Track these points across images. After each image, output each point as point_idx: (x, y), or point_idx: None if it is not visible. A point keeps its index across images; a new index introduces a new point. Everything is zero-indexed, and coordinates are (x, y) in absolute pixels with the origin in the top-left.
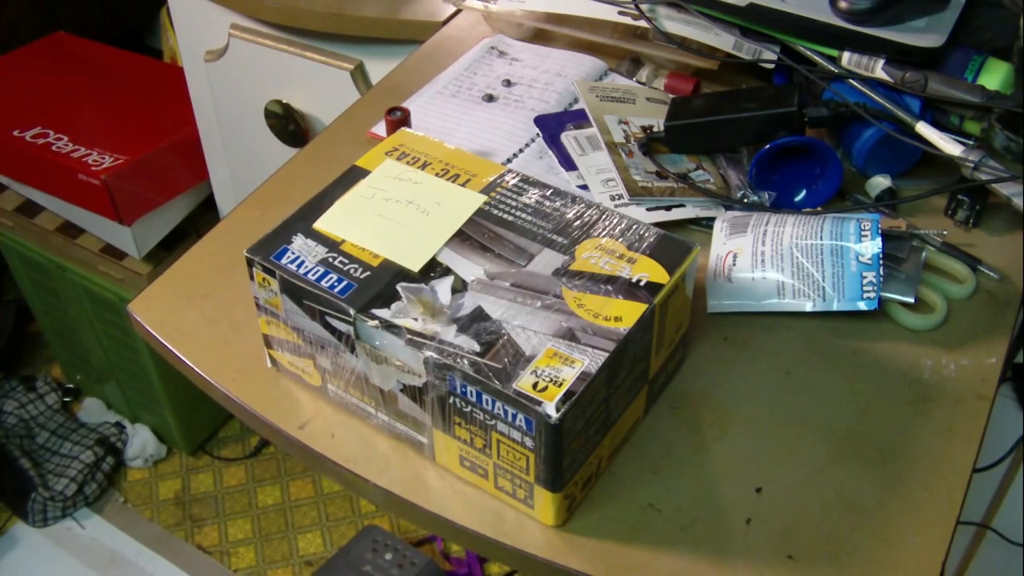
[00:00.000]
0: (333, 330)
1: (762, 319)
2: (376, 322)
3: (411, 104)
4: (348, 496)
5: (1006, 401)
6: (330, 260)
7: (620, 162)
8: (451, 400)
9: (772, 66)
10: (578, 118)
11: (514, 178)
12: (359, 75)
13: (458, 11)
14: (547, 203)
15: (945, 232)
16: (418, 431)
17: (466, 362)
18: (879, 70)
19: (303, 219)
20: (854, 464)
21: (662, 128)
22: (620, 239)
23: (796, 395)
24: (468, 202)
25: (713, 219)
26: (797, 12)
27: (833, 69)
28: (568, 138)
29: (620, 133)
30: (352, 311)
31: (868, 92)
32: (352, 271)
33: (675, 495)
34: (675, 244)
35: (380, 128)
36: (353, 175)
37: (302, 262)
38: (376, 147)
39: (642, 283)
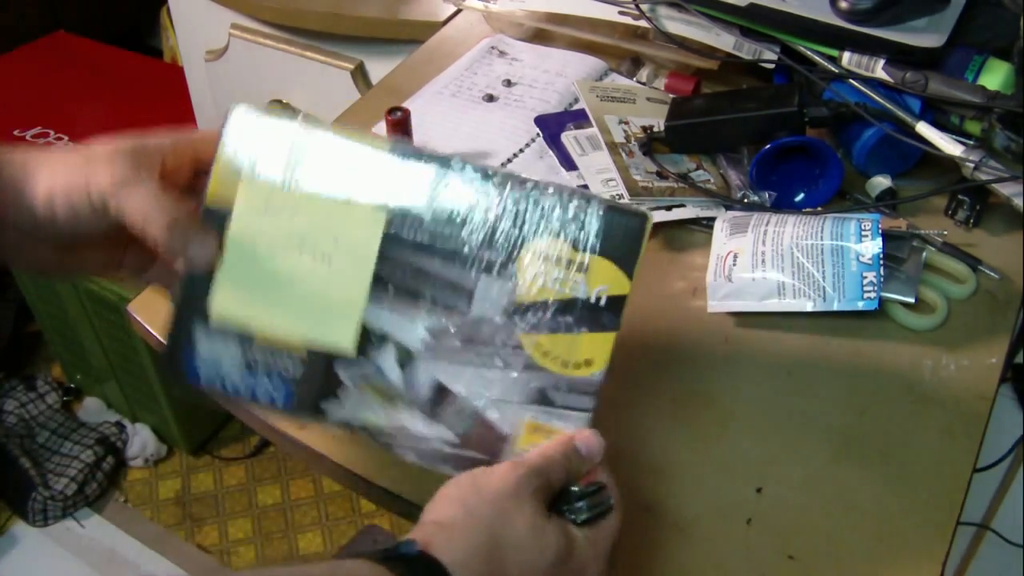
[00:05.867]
0: None
1: (762, 319)
2: (338, 431)
3: (411, 104)
4: (348, 496)
5: (1006, 401)
6: (252, 364)
7: (620, 162)
8: None
9: (772, 66)
10: (578, 118)
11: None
12: (359, 75)
13: (458, 11)
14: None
15: (945, 232)
16: None
17: (448, 459)
18: (879, 70)
19: (194, 307)
20: (854, 464)
21: (662, 128)
22: (561, 235)
23: (796, 395)
24: (367, 228)
25: (713, 219)
26: (797, 12)
27: (833, 69)
28: (568, 138)
29: (620, 133)
30: (303, 421)
31: (868, 92)
32: (283, 371)
33: (675, 495)
34: (623, 222)
35: (380, 128)
36: (213, 220)
37: (224, 378)
38: (214, 170)
39: (602, 302)
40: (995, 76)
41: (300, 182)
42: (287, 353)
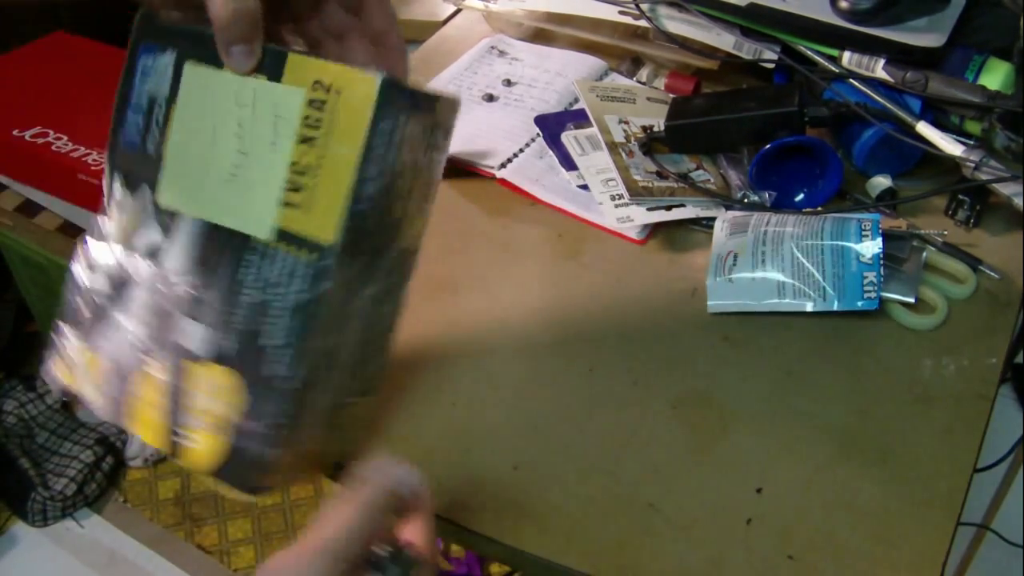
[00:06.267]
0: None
1: (762, 319)
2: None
3: None
4: None
5: (1006, 401)
6: (156, 107)
7: (620, 162)
8: None
9: (772, 66)
10: (578, 118)
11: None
12: None
13: (458, 11)
14: None
15: (945, 232)
16: None
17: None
18: (880, 70)
19: (194, 40)
20: (854, 464)
21: (662, 128)
22: None
23: (796, 395)
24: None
25: (713, 219)
26: (798, 12)
27: (834, 69)
28: (568, 138)
29: (620, 133)
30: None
31: (869, 92)
32: (149, 139)
33: (675, 495)
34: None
35: None
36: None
37: (147, 75)
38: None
39: None
40: (995, 76)
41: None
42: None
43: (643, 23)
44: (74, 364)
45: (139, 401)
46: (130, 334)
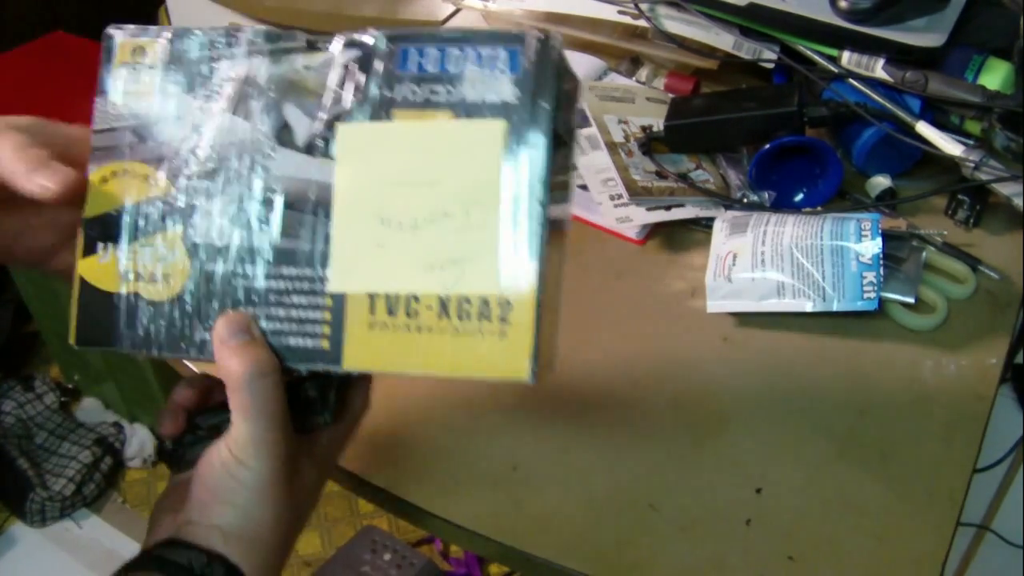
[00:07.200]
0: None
1: (762, 319)
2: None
3: None
4: (347, 496)
5: (1006, 401)
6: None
7: (620, 162)
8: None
9: (772, 66)
10: (577, 118)
11: None
12: None
13: (457, 11)
14: None
15: (945, 232)
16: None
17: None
18: (879, 70)
19: None
20: (854, 464)
21: (662, 128)
22: None
23: (796, 395)
24: None
25: (713, 219)
26: (797, 12)
27: (833, 69)
28: None
29: (620, 133)
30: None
31: (868, 92)
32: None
33: (675, 495)
34: None
35: None
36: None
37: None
38: None
39: None
40: (995, 76)
41: None
42: None
43: (642, 23)
44: None
45: None
46: None
